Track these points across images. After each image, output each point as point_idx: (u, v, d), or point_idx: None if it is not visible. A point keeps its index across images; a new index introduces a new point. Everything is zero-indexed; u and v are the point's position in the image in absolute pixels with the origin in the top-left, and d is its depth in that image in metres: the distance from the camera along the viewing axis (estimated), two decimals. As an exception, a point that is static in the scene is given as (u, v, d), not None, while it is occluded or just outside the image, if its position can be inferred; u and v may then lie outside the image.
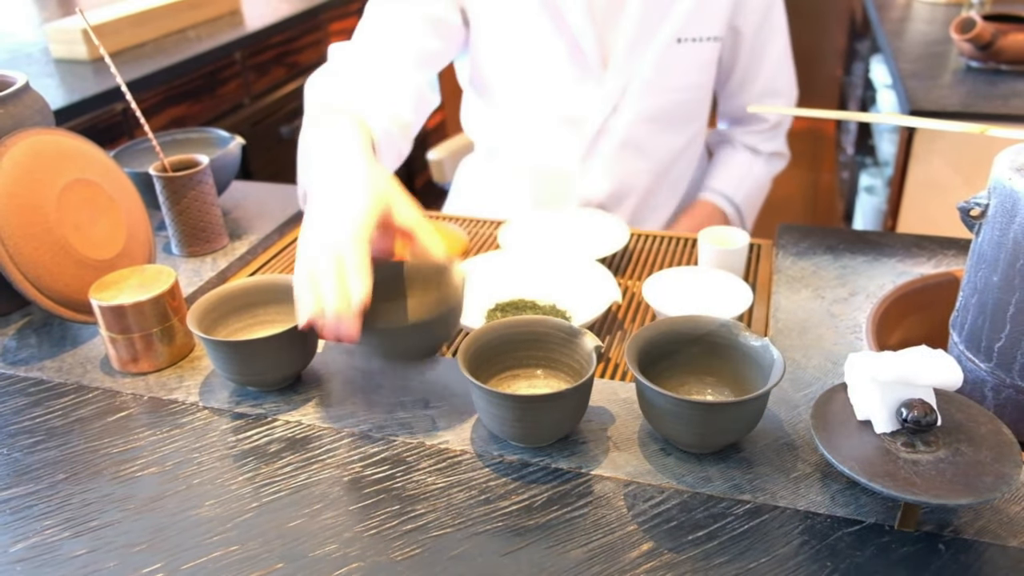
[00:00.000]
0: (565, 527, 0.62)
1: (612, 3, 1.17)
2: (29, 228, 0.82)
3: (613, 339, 0.90)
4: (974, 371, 0.69)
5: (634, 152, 1.27)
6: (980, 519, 0.61)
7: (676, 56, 1.20)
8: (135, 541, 0.63)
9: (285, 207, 1.17)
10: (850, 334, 0.83)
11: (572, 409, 0.68)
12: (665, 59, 1.19)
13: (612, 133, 1.24)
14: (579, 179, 1.28)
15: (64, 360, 0.85)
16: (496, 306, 0.92)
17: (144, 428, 0.75)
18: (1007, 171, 0.63)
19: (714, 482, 0.66)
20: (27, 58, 1.90)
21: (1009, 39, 1.68)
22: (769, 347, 0.68)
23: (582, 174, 1.28)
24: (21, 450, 0.73)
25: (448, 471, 0.68)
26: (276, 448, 0.72)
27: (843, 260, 0.96)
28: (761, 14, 1.24)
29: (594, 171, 1.28)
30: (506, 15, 1.19)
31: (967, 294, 0.69)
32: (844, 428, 0.61)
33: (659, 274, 0.92)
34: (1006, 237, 0.63)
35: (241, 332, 0.81)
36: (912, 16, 2.23)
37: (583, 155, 1.27)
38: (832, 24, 3.60)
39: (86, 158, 0.90)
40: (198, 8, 2.15)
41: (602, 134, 1.25)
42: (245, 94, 2.12)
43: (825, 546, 0.60)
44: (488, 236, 1.14)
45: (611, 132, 1.24)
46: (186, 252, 1.04)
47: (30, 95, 0.91)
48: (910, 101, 1.60)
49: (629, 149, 1.26)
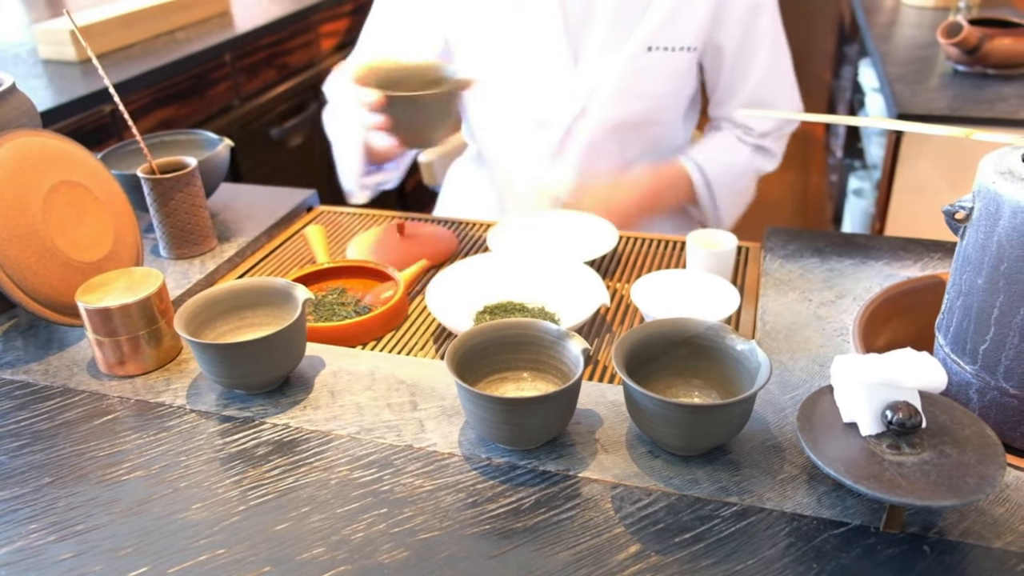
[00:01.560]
0: (553, 530, 0.62)
1: (583, 6, 1.17)
2: (15, 230, 0.81)
3: (601, 342, 0.90)
4: (959, 373, 0.69)
5: (601, 155, 1.27)
6: (965, 520, 0.62)
7: (646, 64, 1.20)
8: (121, 545, 0.62)
9: (274, 209, 1.17)
10: (837, 337, 0.84)
11: (560, 412, 0.68)
12: (634, 66, 1.19)
13: (579, 136, 1.25)
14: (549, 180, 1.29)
15: (50, 363, 0.85)
16: (484, 308, 0.92)
17: (131, 431, 0.74)
18: (991, 175, 0.63)
19: (701, 484, 0.66)
20: (14, 59, 1.89)
21: (995, 43, 1.69)
22: (756, 350, 0.69)
23: (551, 175, 1.28)
24: (6, 453, 0.72)
25: (436, 474, 0.68)
26: (263, 451, 0.71)
27: (830, 263, 0.96)
28: (744, 26, 1.23)
29: (562, 173, 1.28)
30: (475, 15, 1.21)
31: (952, 297, 0.69)
32: (830, 430, 0.61)
33: (647, 277, 0.92)
34: (990, 240, 0.63)
35: (229, 335, 0.81)
36: (900, 20, 2.24)
37: (552, 156, 1.27)
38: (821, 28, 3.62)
39: (73, 160, 0.89)
40: (187, 9, 2.15)
41: (570, 136, 1.25)
42: (235, 95, 2.11)
43: (811, 548, 0.60)
44: (477, 238, 1.14)
45: (578, 135, 1.25)
46: (174, 254, 1.03)
47: (16, 96, 0.90)
48: (897, 104, 1.61)
49: (596, 152, 1.26)
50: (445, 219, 1.20)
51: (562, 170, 1.28)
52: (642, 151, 1.30)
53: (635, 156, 1.30)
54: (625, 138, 1.27)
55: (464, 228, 1.17)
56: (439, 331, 0.93)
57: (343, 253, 1.10)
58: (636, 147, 1.29)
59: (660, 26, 1.17)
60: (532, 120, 1.26)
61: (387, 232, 1.10)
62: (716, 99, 1.33)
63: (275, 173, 2.21)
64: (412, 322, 0.95)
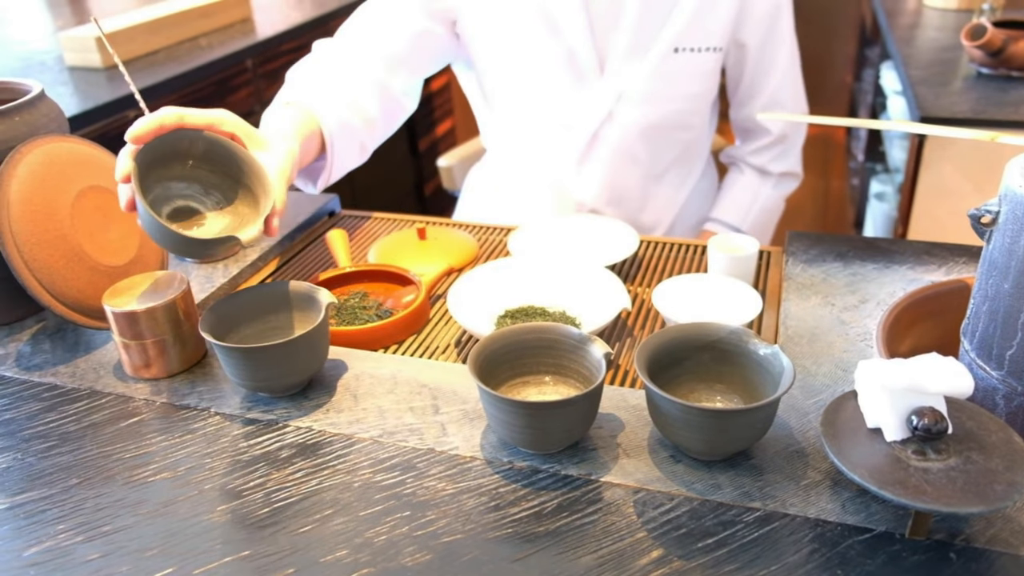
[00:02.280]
0: (575, 534, 0.62)
1: (610, 10, 1.17)
2: (43, 235, 0.83)
3: (623, 346, 0.90)
4: (985, 379, 0.68)
5: (628, 159, 1.27)
6: (992, 528, 0.61)
7: (673, 65, 1.20)
8: (147, 546, 0.63)
9: (297, 213, 1.18)
10: (860, 341, 0.83)
11: (582, 416, 0.68)
12: (662, 68, 1.19)
13: (606, 140, 1.25)
14: (574, 185, 1.29)
15: (77, 365, 0.86)
16: (506, 313, 0.93)
17: (156, 433, 0.75)
18: (1018, 178, 0.63)
19: (724, 489, 0.66)
20: (41, 66, 1.92)
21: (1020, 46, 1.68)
22: (779, 354, 0.68)
23: (577, 180, 1.28)
24: (35, 454, 0.73)
25: (458, 477, 0.68)
26: (287, 454, 0.72)
27: (853, 267, 0.96)
28: (766, 27, 1.23)
29: (589, 177, 1.28)
30: (502, 23, 1.20)
31: (978, 301, 0.69)
32: (854, 436, 0.61)
33: (669, 281, 0.92)
34: (1017, 244, 0.63)
35: (252, 338, 0.82)
36: (922, 23, 2.22)
37: (578, 161, 1.27)
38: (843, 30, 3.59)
39: (100, 165, 0.90)
40: (210, 16, 2.17)
41: (596, 140, 1.25)
42: (256, 101, 2.13)
43: (835, 554, 0.60)
44: (498, 243, 1.14)
45: (605, 139, 1.25)
46: (198, 258, 1.04)
47: (45, 103, 0.92)
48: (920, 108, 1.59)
49: (623, 156, 1.26)
50: (466, 224, 1.20)
51: (588, 175, 1.28)
52: (669, 156, 1.30)
53: (662, 161, 1.30)
54: (652, 142, 1.27)
55: (485, 232, 1.18)
56: (461, 335, 0.94)
57: (365, 257, 1.11)
58: (663, 151, 1.29)
59: (686, 27, 1.17)
60: (558, 125, 1.26)
61: (408, 236, 1.11)
62: (738, 100, 1.33)
63: (296, 178, 2.23)
64: (434, 326, 0.96)
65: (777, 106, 1.30)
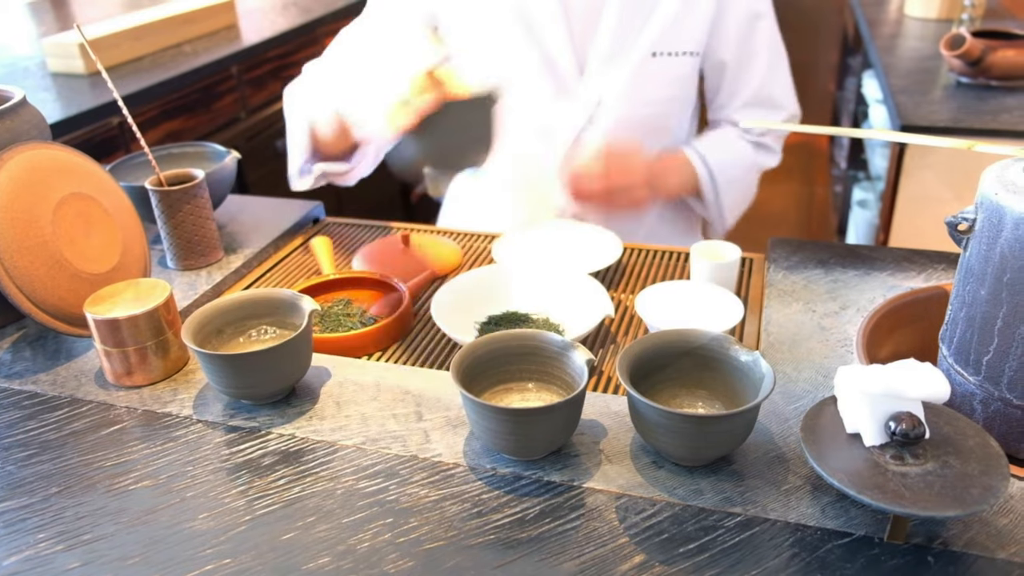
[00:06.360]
0: (557, 540, 0.62)
1: (588, 16, 1.18)
2: (25, 242, 0.82)
3: (606, 352, 0.91)
4: (963, 384, 0.69)
5: None
6: (969, 531, 0.62)
7: (651, 69, 1.21)
8: (128, 554, 0.63)
9: (280, 221, 1.18)
10: (841, 347, 0.84)
11: (564, 422, 0.68)
12: (640, 72, 1.20)
13: (587, 145, 1.25)
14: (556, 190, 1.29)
15: (58, 373, 0.85)
16: (489, 319, 0.93)
17: (138, 441, 0.75)
18: (994, 186, 0.64)
19: (705, 495, 0.66)
20: (24, 72, 1.91)
21: (998, 55, 1.70)
22: (760, 360, 0.69)
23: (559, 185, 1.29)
24: (15, 463, 0.73)
25: (441, 484, 0.68)
26: (270, 461, 0.72)
27: (834, 274, 0.97)
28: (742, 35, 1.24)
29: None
30: (480, 28, 1.21)
31: (956, 308, 0.70)
32: (834, 441, 0.61)
33: (652, 288, 0.92)
34: (993, 251, 0.64)
35: (235, 346, 0.82)
36: (903, 32, 2.25)
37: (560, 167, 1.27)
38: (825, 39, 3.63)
39: (82, 172, 0.90)
40: (195, 23, 2.17)
41: (577, 146, 1.26)
42: (241, 108, 2.13)
43: (815, 558, 0.60)
44: (482, 250, 1.14)
45: (586, 144, 1.25)
46: (181, 266, 1.04)
47: (27, 109, 0.91)
48: (901, 116, 1.61)
49: None
50: (450, 231, 1.21)
51: None
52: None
53: None
54: None
55: (469, 239, 1.18)
56: (444, 342, 0.94)
57: (349, 264, 1.11)
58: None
59: (664, 32, 1.18)
60: (537, 130, 1.26)
61: (392, 243, 1.11)
62: (717, 103, 1.33)
63: (281, 185, 2.21)
64: (417, 333, 0.96)
65: (759, 106, 1.30)
